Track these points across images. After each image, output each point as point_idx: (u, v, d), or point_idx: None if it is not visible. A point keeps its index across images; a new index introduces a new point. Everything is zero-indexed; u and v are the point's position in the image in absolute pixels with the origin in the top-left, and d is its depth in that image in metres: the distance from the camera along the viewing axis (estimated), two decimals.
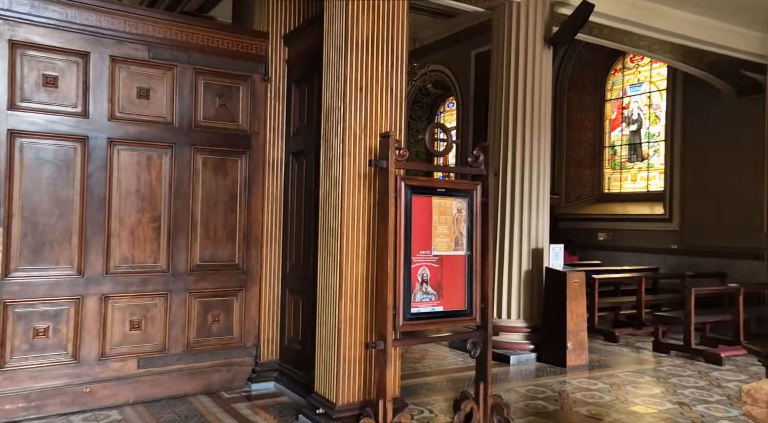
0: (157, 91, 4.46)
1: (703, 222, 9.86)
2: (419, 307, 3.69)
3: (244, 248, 4.83)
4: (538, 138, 6.32)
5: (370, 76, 3.87)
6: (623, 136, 11.95)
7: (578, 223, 11.76)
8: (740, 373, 5.62)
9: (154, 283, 4.44)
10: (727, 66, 8.61)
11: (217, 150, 4.73)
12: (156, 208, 4.47)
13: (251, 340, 4.85)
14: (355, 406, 3.76)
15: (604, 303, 7.84)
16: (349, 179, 3.79)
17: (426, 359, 6.05)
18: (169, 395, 4.45)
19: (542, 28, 6.35)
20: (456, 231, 3.85)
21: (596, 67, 12.21)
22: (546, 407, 4.47)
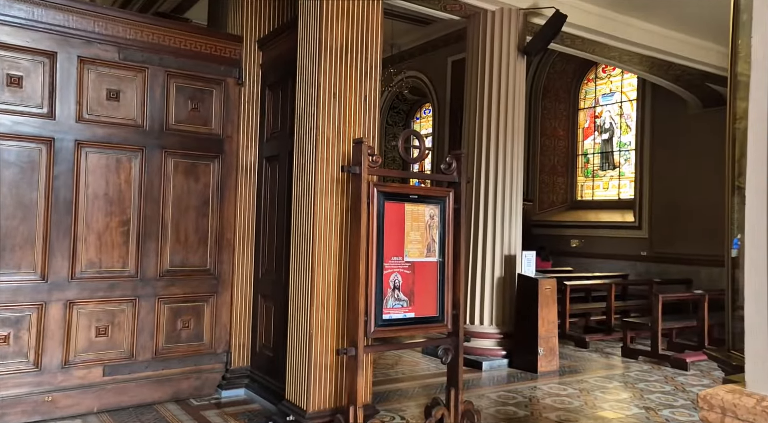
0: (128, 93, 4.39)
1: (670, 230, 10.09)
2: (391, 314, 3.69)
3: (215, 253, 4.77)
4: (511, 145, 6.40)
5: (344, 82, 3.87)
6: (595, 144, 12.18)
7: (551, 230, 11.93)
8: (704, 378, 5.76)
9: (122, 289, 4.35)
10: (693, 78, 8.86)
11: (189, 154, 4.67)
12: (125, 212, 4.38)
13: (222, 347, 4.78)
14: (326, 413, 3.74)
15: (575, 309, 7.95)
16: (322, 185, 3.78)
17: (399, 365, 6.05)
18: (136, 403, 4.36)
19: (516, 37, 6.45)
20: (428, 237, 3.87)
21: (569, 76, 12.43)
22: (516, 413, 4.51)
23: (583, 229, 11.53)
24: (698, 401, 1.43)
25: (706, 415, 1.48)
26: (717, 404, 1.46)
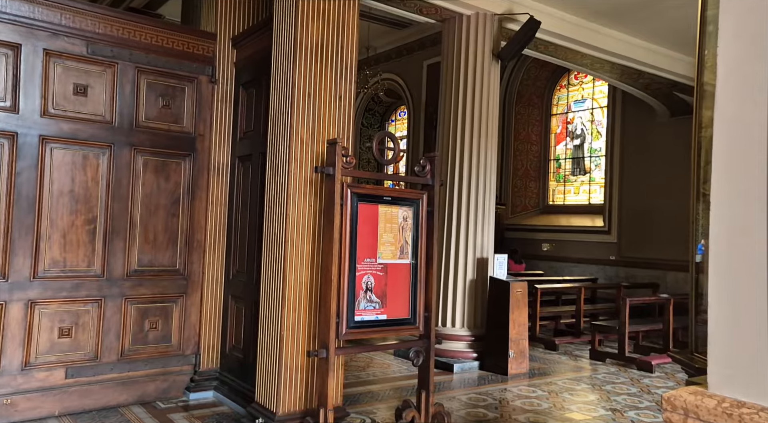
0: (96, 89, 4.28)
1: (638, 234, 10.32)
2: (363, 315, 3.67)
3: (185, 253, 4.69)
4: (485, 149, 6.45)
5: (318, 82, 3.85)
6: (567, 149, 12.38)
7: (523, 234, 12.08)
8: (668, 380, 5.89)
9: (87, 289, 4.24)
10: (661, 87, 9.08)
11: (159, 152, 4.58)
12: (92, 210, 4.27)
13: (191, 348, 4.70)
14: (296, 415, 3.70)
15: (545, 312, 8.05)
16: (295, 185, 3.75)
17: (371, 367, 6.03)
18: (100, 406, 4.25)
19: (491, 42, 6.51)
20: (401, 239, 3.87)
21: (543, 82, 12.62)
22: (486, 415, 4.54)
23: (555, 233, 11.70)
24: (662, 403, 1.46)
25: (670, 416, 1.50)
26: (680, 405, 1.48)
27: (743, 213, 1.39)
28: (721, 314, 1.45)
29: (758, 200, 1.34)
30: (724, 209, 1.43)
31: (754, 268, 1.35)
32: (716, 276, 1.45)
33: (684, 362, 2.64)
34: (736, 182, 1.40)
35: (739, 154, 1.40)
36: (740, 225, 1.39)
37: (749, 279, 1.36)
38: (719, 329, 1.45)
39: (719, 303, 1.45)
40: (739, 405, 1.37)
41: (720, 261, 1.44)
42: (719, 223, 1.44)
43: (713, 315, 1.46)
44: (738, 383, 1.40)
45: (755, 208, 1.35)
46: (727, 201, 1.42)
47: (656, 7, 6.95)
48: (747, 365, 1.39)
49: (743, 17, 1.39)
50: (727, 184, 1.42)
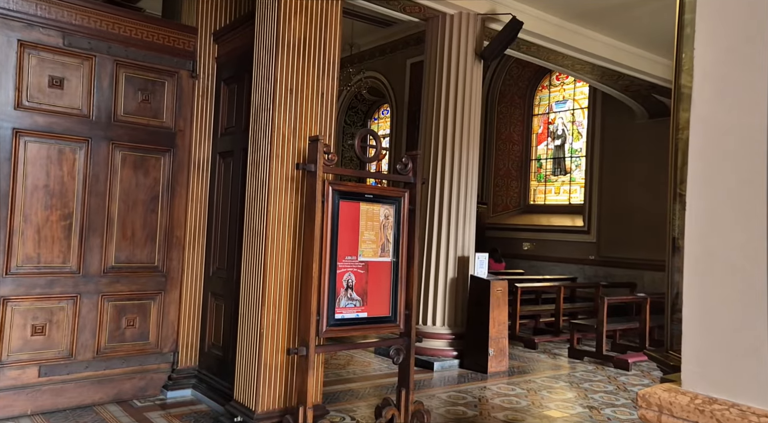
0: (72, 82, 4.20)
1: (617, 234, 10.46)
2: (343, 313, 3.67)
3: (164, 250, 4.63)
4: (467, 148, 6.48)
5: (301, 78, 3.83)
6: (548, 150, 12.49)
7: (504, 233, 12.17)
8: (644, 378, 5.98)
9: (62, 285, 4.16)
10: (640, 89, 9.21)
11: (138, 147, 4.51)
12: (67, 206, 4.19)
13: (169, 346, 4.64)
14: (275, 413, 3.68)
15: (525, 311, 8.12)
16: (277, 182, 3.72)
17: (351, 365, 6.03)
18: (74, 405, 4.18)
19: (474, 41, 6.54)
20: (383, 237, 3.87)
21: (525, 82, 12.71)
22: (466, 413, 4.56)
23: (535, 232, 11.81)
24: (637, 400, 1.48)
25: (644, 413, 1.52)
26: (654, 402, 1.50)
27: (717, 214, 1.41)
28: (694, 313, 1.47)
29: (732, 201, 1.36)
30: (699, 210, 1.45)
31: (727, 269, 1.37)
32: (690, 276, 1.47)
33: (659, 360, 2.67)
34: (711, 183, 1.42)
35: (714, 156, 1.42)
36: (714, 226, 1.42)
37: (722, 279, 1.38)
38: (693, 328, 1.47)
39: (693, 302, 1.47)
40: (711, 401, 1.39)
41: (694, 261, 1.46)
42: (694, 223, 1.46)
43: (687, 314, 1.48)
44: (710, 380, 1.42)
45: (729, 209, 1.37)
46: (701, 202, 1.44)
47: (636, 10, 7.04)
48: (719, 363, 1.41)
49: (719, 21, 1.41)
50: (702, 185, 1.44)
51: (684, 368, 1.49)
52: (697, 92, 1.54)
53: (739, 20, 1.37)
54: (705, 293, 1.45)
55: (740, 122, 1.35)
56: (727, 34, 1.39)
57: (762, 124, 1.30)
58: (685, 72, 2.72)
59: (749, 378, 1.35)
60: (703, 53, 1.48)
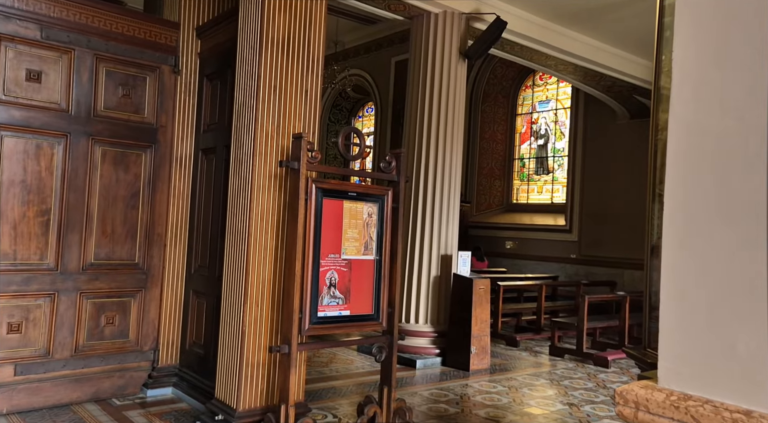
0: (51, 75, 4.13)
1: (598, 233, 10.59)
2: (326, 311, 3.66)
3: (145, 247, 4.58)
4: (451, 147, 6.50)
5: (284, 75, 3.80)
6: (531, 149, 12.59)
7: (487, 231, 12.24)
8: (623, 375, 6.07)
9: (39, 282, 4.09)
10: (622, 90, 9.33)
11: (118, 142, 4.45)
12: (45, 202, 4.12)
13: (149, 344, 4.59)
14: (256, 411, 3.66)
15: (507, 309, 8.18)
16: (259, 179, 3.70)
17: (333, 363, 6.02)
18: (51, 404, 4.11)
19: (458, 40, 6.56)
20: (366, 235, 3.87)
21: (509, 82, 12.79)
22: (447, 410, 4.58)
23: (518, 231, 11.90)
24: (615, 396, 1.50)
25: (622, 409, 1.54)
26: (631, 399, 1.52)
27: (694, 214, 1.43)
28: (671, 312, 1.50)
29: (708, 202, 1.38)
30: (677, 210, 1.47)
31: (704, 268, 1.40)
32: (667, 274, 1.49)
33: (637, 357, 2.71)
34: (688, 184, 1.44)
35: (691, 157, 1.44)
36: (691, 226, 1.44)
37: (698, 279, 1.41)
38: (669, 326, 1.50)
39: (670, 301, 1.50)
40: (685, 398, 1.41)
41: (672, 260, 1.48)
42: (672, 223, 1.48)
43: (664, 312, 1.51)
44: (685, 378, 1.45)
45: (705, 209, 1.39)
46: (679, 202, 1.46)
47: (619, 12, 7.13)
48: (694, 361, 1.43)
49: (697, 24, 1.43)
50: (679, 186, 1.47)
51: (660, 365, 1.51)
52: (675, 94, 1.56)
53: (716, 23, 1.39)
54: (681, 292, 1.48)
55: (717, 124, 1.38)
56: (705, 36, 1.42)
57: (738, 126, 1.32)
58: (664, 74, 2.76)
59: (723, 375, 1.38)
60: (681, 55, 1.50)
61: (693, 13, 1.45)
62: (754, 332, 1.30)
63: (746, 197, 1.29)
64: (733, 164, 1.34)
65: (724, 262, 1.36)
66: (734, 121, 1.34)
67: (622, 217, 10.10)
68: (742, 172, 1.31)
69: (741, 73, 1.32)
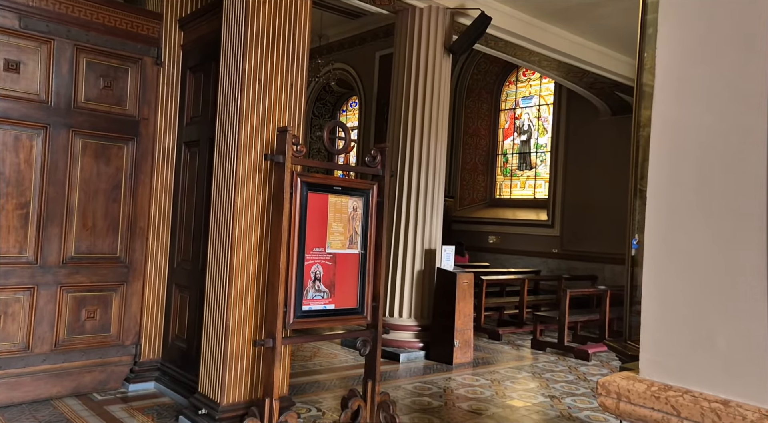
0: (29, 66, 4.05)
1: (579, 229, 10.71)
2: (311, 305, 3.66)
3: (127, 240, 4.53)
4: (435, 141, 6.52)
5: (269, 68, 3.78)
6: (515, 144, 12.67)
7: (470, 226, 12.31)
8: (603, 368, 6.17)
9: (17, 276, 4.02)
10: (604, 86, 9.43)
11: (100, 135, 4.38)
12: (24, 194, 4.05)
13: (131, 338, 4.55)
14: (240, 405, 3.65)
15: (490, 303, 8.25)
16: (244, 172, 3.67)
17: (317, 357, 6.02)
18: (31, 399, 4.06)
19: (443, 35, 6.57)
20: (351, 229, 3.87)
21: (492, 77, 12.84)
22: (431, 403, 4.62)
23: (501, 226, 11.98)
24: (597, 388, 1.53)
25: (604, 400, 1.57)
26: (613, 390, 1.54)
27: (676, 210, 1.46)
28: (653, 305, 1.52)
29: (689, 198, 1.41)
30: (659, 206, 1.50)
31: (685, 263, 1.42)
32: (650, 268, 1.52)
33: (618, 350, 2.77)
34: (670, 180, 1.46)
35: (673, 153, 1.47)
36: (673, 221, 1.47)
37: (680, 273, 1.44)
38: (651, 319, 1.53)
39: (651, 294, 1.53)
40: (666, 388, 1.44)
41: (653, 255, 1.51)
42: (654, 218, 1.51)
43: (646, 305, 1.53)
44: (666, 369, 1.48)
45: (687, 205, 1.42)
46: (661, 198, 1.49)
47: (602, 9, 7.19)
48: (674, 352, 1.46)
49: (681, 21, 1.45)
50: (661, 182, 1.49)
51: (642, 357, 1.55)
52: (658, 90, 1.58)
53: (699, 21, 1.41)
54: (663, 285, 1.50)
55: (699, 120, 1.40)
56: (688, 34, 1.44)
57: (720, 123, 1.35)
58: (647, 70, 2.80)
59: (703, 367, 1.41)
60: (664, 53, 1.52)
61: (676, 11, 1.47)
62: (733, 326, 1.33)
63: (727, 193, 1.32)
64: (714, 161, 1.37)
65: (705, 257, 1.39)
66: (716, 118, 1.36)
67: (604, 213, 10.23)
68: (723, 169, 1.33)
69: (724, 71, 1.34)
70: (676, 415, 1.37)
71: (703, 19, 1.40)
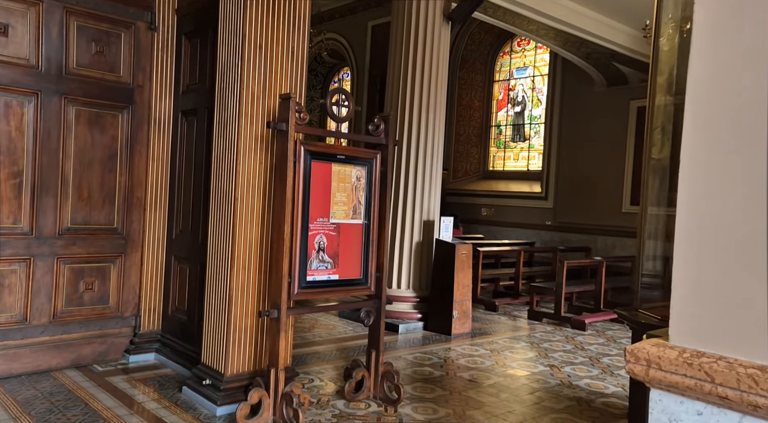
0: (18, 29, 3.89)
1: (572, 200, 10.73)
2: (315, 276, 3.63)
3: (124, 211, 4.44)
4: (434, 111, 6.43)
5: (270, 34, 3.66)
6: (508, 116, 12.58)
7: (464, 199, 12.29)
8: (599, 337, 6.24)
9: (13, 247, 3.94)
10: (601, 56, 9.33)
11: (93, 102, 4.25)
12: (17, 163, 3.94)
13: (130, 310, 4.51)
14: (244, 376, 3.65)
15: (485, 275, 8.29)
16: (246, 141, 3.59)
17: (316, 328, 6.03)
18: (31, 370, 4.02)
19: (442, 2, 6.42)
20: (354, 199, 3.82)
21: (486, 48, 12.66)
22: (432, 373, 4.65)
23: (494, 198, 11.98)
24: (626, 354, 1.51)
25: (632, 367, 1.55)
26: (643, 357, 1.53)
27: (712, 170, 1.42)
28: (684, 270, 1.50)
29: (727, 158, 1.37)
30: (694, 167, 1.46)
31: (719, 225, 1.40)
32: (682, 233, 1.49)
33: (629, 318, 2.77)
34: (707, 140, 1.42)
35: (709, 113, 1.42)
36: (708, 182, 1.43)
37: (712, 237, 1.41)
38: (682, 284, 1.50)
39: (683, 258, 1.50)
40: (698, 355, 1.43)
41: (686, 219, 1.48)
42: (688, 179, 1.47)
43: (677, 271, 1.51)
44: (698, 335, 1.46)
45: (724, 165, 1.38)
46: (696, 159, 1.45)
47: None
48: (707, 318, 1.45)
49: None
50: (698, 143, 1.45)
51: (672, 324, 1.53)
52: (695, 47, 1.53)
53: None
54: (695, 250, 1.48)
55: (737, 78, 1.35)
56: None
57: (759, 79, 1.30)
58: (663, 35, 2.74)
59: (737, 332, 1.39)
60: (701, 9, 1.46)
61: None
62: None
63: (764, 156, 1.28)
64: (752, 121, 1.32)
65: (740, 221, 1.36)
66: (755, 74, 1.31)
67: (597, 185, 10.25)
68: (760, 130, 1.29)
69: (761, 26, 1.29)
70: (710, 381, 1.36)
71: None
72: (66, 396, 3.68)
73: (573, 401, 4.11)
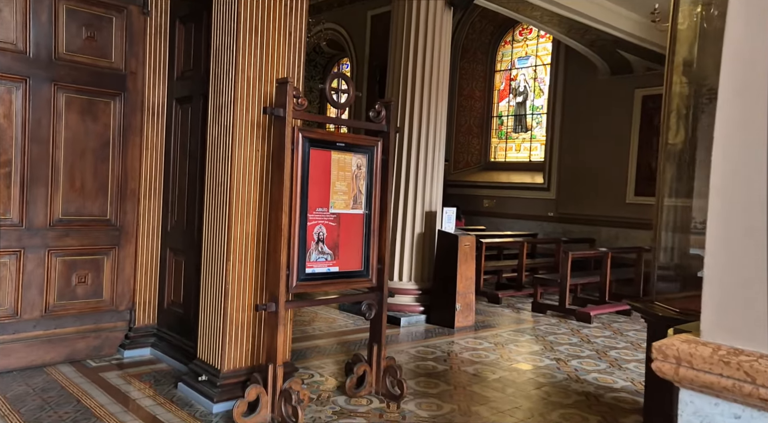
0: (5, 12, 3.74)
1: (575, 191, 10.59)
2: (314, 267, 3.50)
3: (117, 202, 4.31)
4: (435, 100, 6.28)
5: (267, 17, 3.51)
6: (510, 106, 12.41)
7: (465, 190, 12.15)
8: (606, 330, 6.13)
9: (2, 239, 3.81)
10: (605, 44, 9.15)
11: (84, 89, 4.11)
12: (5, 152, 3.80)
13: (125, 304, 4.38)
14: (241, 371, 3.53)
15: (488, 266, 8.16)
16: (241, 128, 3.45)
17: (316, 322, 5.91)
18: (24, 366, 3.91)
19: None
20: (355, 188, 3.68)
21: (488, 37, 12.48)
22: (436, 367, 4.53)
23: (496, 189, 11.84)
24: (653, 351, 1.38)
25: (660, 365, 1.43)
26: (671, 354, 1.40)
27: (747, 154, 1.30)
28: (718, 260, 1.37)
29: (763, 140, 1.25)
30: (728, 151, 1.33)
31: (756, 210, 1.27)
32: (715, 219, 1.37)
33: (644, 311, 2.65)
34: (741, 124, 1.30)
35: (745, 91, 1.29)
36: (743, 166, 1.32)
37: (751, 221, 1.29)
38: (715, 276, 1.38)
39: (717, 247, 1.38)
40: (736, 353, 1.30)
41: (720, 204, 1.36)
42: (721, 164, 1.36)
43: (710, 261, 1.39)
44: (734, 331, 1.34)
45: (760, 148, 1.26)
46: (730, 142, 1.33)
47: None
48: (745, 313, 1.32)
49: None
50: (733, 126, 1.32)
51: (704, 318, 1.40)
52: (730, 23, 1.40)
53: None
54: (731, 239, 1.35)
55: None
56: None
57: None
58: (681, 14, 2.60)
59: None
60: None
61: None
62: None
63: None
64: None
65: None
66: None
67: (600, 175, 10.10)
68: None
69: None
70: (751, 382, 1.23)
71: None
72: (58, 392, 3.57)
73: (581, 396, 4.00)
